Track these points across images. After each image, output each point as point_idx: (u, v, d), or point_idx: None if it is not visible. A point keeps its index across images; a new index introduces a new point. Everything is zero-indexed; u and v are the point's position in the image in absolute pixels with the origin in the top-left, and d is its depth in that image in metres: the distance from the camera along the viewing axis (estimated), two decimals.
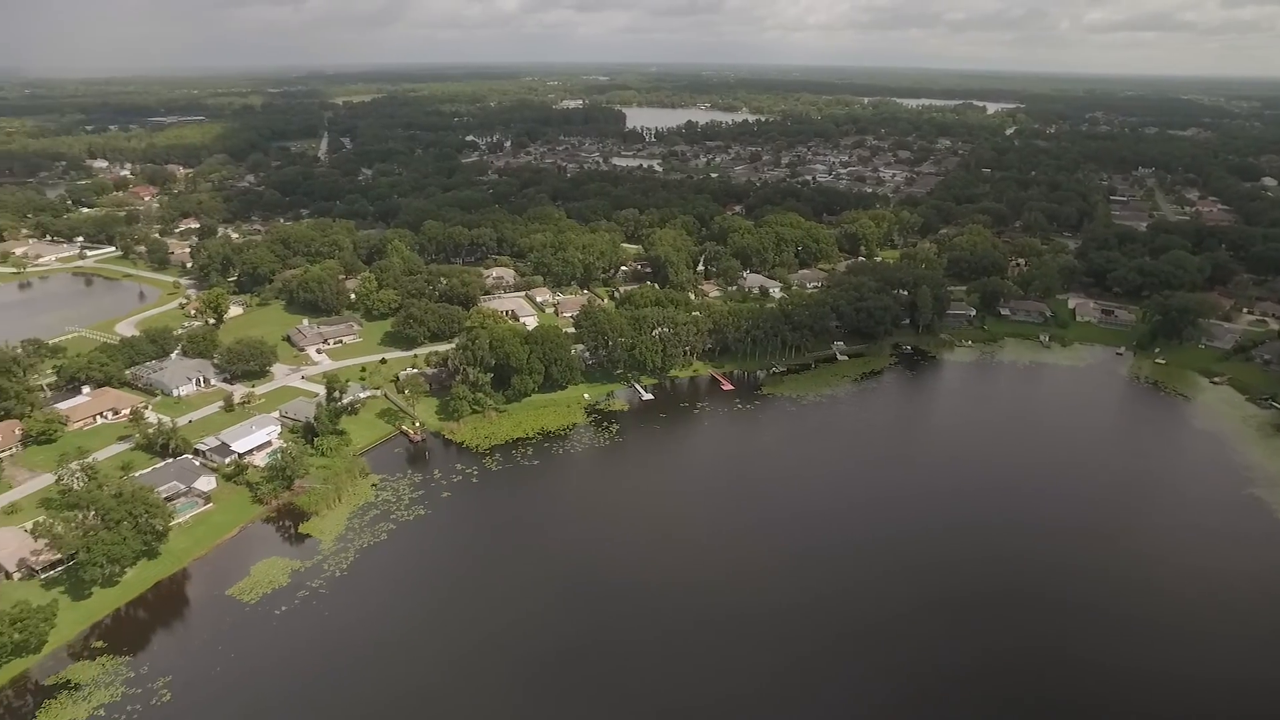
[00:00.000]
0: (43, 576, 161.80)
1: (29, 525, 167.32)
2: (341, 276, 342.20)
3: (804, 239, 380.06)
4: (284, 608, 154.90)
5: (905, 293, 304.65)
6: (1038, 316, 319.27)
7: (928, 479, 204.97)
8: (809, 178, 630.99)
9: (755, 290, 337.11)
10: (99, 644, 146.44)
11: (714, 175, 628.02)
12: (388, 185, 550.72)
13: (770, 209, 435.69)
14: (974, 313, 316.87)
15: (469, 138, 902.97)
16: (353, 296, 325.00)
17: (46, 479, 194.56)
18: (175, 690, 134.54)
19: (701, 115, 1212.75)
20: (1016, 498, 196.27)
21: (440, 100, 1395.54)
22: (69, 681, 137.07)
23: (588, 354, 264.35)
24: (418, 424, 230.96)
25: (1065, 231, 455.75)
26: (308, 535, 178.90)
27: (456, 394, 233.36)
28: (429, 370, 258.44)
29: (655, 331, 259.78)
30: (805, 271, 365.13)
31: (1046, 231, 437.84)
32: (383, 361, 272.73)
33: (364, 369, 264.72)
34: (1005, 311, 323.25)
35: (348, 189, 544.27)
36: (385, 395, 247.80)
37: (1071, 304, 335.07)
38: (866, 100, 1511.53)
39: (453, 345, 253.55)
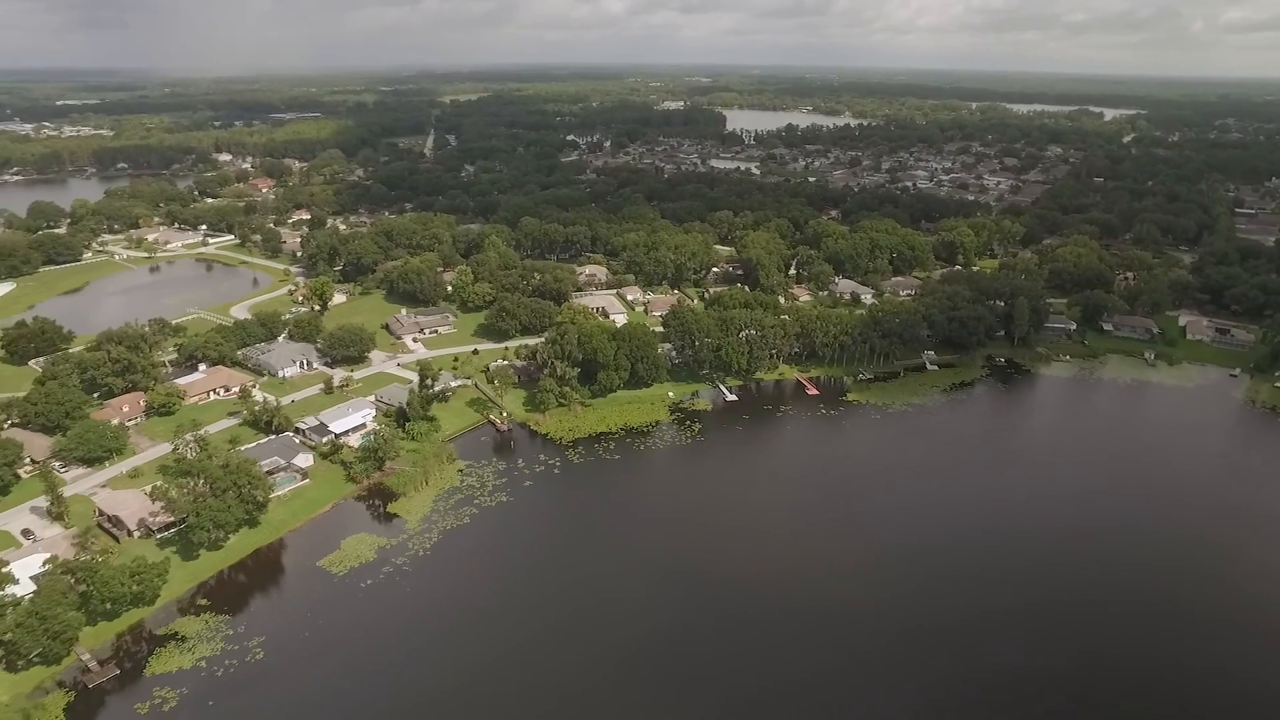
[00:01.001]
0: (158, 536, 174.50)
1: (148, 489, 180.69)
2: (440, 269, 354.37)
3: (899, 245, 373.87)
4: (369, 581, 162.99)
5: (1001, 303, 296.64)
6: (1144, 333, 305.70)
7: (1015, 493, 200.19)
8: (909, 184, 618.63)
9: (846, 296, 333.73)
10: (203, 602, 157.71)
11: (812, 179, 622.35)
12: (489, 182, 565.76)
13: (867, 215, 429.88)
14: (1074, 326, 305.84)
15: (570, 137, 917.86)
16: (449, 288, 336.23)
17: (164, 448, 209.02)
18: (267, 650, 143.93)
19: (802, 119, 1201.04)
20: (1110, 518, 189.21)
21: (544, 100, 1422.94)
22: (177, 633, 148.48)
23: (674, 353, 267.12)
24: (505, 414, 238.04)
25: (1181, 245, 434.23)
26: (395, 515, 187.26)
27: (543, 387, 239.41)
28: (518, 362, 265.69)
29: (742, 333, 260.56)
30: (899, 279, 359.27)
31: (1160, 245, 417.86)
32: (475, 352, 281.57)
33: (456, 359, 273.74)
34: (1108, 327, 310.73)
35: (450, 185, 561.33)
36: (475, 385, 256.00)
37: (1182, 321, 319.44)
38: (974, 105, 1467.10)
39: (542, 339, 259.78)
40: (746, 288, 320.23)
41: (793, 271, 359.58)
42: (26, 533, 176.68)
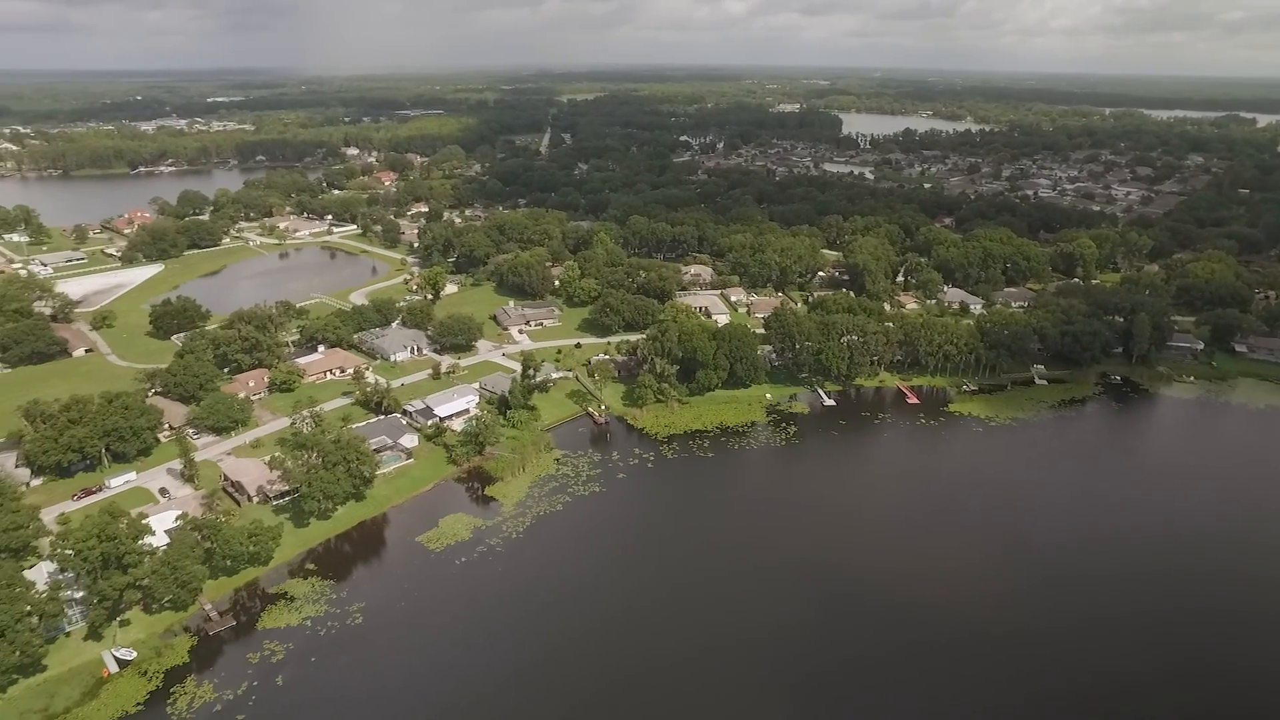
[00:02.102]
0: (274, 503, 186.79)
1: (267, 459, 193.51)
2: (548, 263, 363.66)
3: (1014, 255, 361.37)
4: (464, 559, 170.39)
5: (1120, 319, 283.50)
6: None
7: (1123, 517, 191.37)
8: (1029, 192, 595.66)
9: (954, 305, 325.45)
10: (311, 566, 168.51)
11: (927, 185, 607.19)
12: (600, 180, 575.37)
13: (981, 223, 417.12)
14: (1201, 346, 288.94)
15: (683, 138, 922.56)
16: (557, 283, 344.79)
17: (283, 422, 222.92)
18: (366, 615, 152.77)
19: (921, 123, 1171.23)
20: (1230, 553, 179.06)
21: (659, 100, 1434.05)
22: (286, 593, 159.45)
23: (774, 355, 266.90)
24: (603, 407, 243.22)
25: None
26: (492, 498, 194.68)
27: (642, 382, 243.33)
28: (619, 358, 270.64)
29: (844, 338, 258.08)
30: (1011, 290, 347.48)
31: None
32: (578, 346, 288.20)
33: (559, 351, 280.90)
34: (1242, 349, 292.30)
35: (563, 182, 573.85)
36: (576, 377, 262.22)
37: None
38: (1108, 111, 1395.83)
39: (644, 336, 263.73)
40: (852, 293, 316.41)
41: (900, 278, 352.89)
42: (163, 491, 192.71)
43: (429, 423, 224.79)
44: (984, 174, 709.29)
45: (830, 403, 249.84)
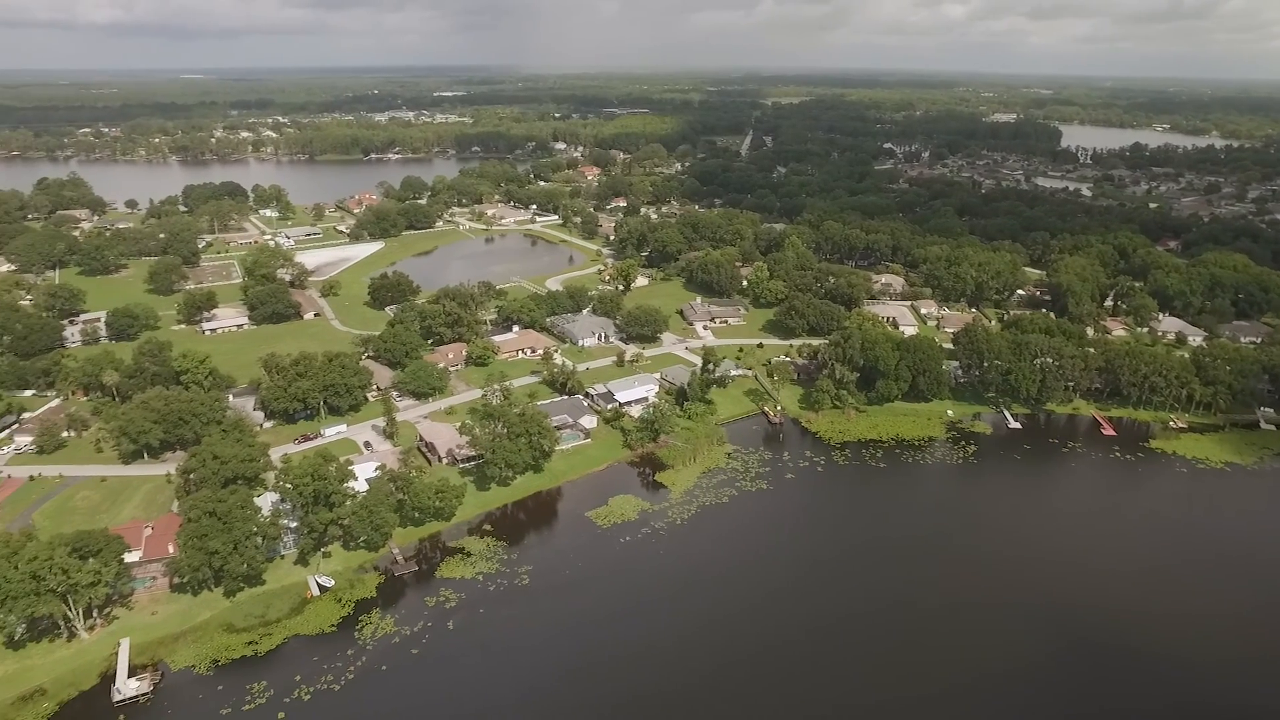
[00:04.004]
0: (460, 466, 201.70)
1: (459, 425, 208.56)
2: (738, 263, 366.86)
3: (1249, 285, 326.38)
4: (628, 538, 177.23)
5: None
6: None
7: None
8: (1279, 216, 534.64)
9: (1170, 335, 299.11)
10: (487, 528, 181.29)
11: (1152, 205, 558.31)
12: (797, 184, 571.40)
13: (1212, 248, 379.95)
14: None
15: (886, 145, 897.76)
16: (745, 283, 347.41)
17: (475, 393, 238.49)
18: (533, 578, 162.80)
19: (1154, 137, 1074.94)
20: None
21: (865, 106, 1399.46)
22: (464, 549, 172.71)
23: (960, 371, 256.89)
24: (779, 408, 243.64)
25: None
26: (661, 484, 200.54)
27: (820, 387, 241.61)
28: (800, 360, 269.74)
29: (1037, 360, 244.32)
30: (1242, 323, 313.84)
31: None
32: (760, 345, 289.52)
33: (741, 349, 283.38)
34: None
35: (760, 184, 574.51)
36: (755, 376, 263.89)
37: None
38: None
39: (827, 340, 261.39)
40: (1052, 314, 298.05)
41: (1109, 303, 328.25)
42: (367, 444, 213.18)
43: (609, 406, 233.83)
44: (1224, 195, 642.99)
45: (1016, 425, 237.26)
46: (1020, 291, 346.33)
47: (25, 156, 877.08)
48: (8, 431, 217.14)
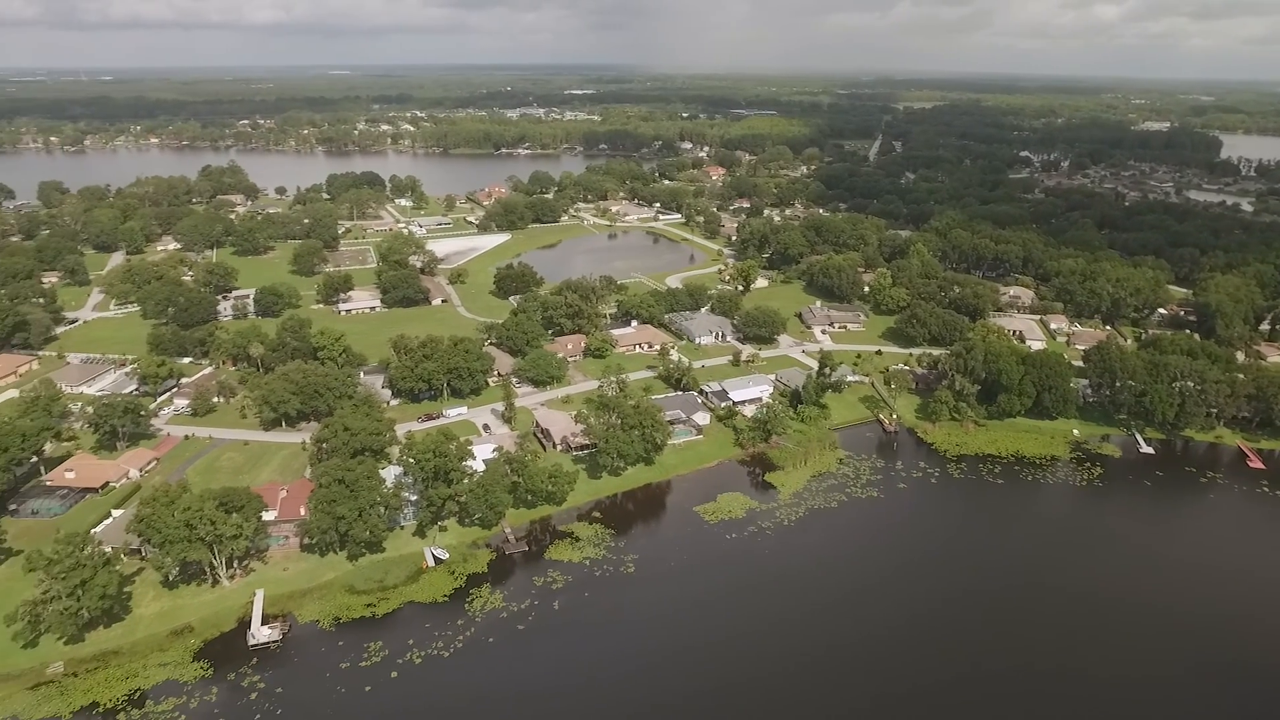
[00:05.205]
0: (574, 453, 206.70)
1: (574, 414, 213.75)
2: (860, 269, 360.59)
3: None
4: (734, 535, 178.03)
5: None
6: None
7: None
8: None
9: None
10: (597, 515, 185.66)
11: None
12: (926, 191, 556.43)
13: None
14: None
15: (1023, 153, 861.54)
16: (866, 288, 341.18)
17: (592, 384, 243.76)
18: (638, 567, 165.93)
19: None
20: None
21: (1003, 112, 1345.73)
22: (572, 533, 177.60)
23: (1089, 390, 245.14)
24: (895, 416, 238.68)
25: None
26: (770, 485, 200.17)
27: (939, 397, 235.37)
28: (919, 370, 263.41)
29: (1177, 383, 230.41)
30: None
31: None
32: (878, 352, 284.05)
33: (859, 355, 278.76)
34: None
35: (887, 190, 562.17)
36: (871, 383, 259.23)
37: None
38: None
39: (948, 351, 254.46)
40: (1197, 335, 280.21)
41: (1265, 326, 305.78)
42: (485, 427, 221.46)
43: (722, 404, 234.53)
44: None
45: (1148, 450, 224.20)
46: (1161, 310, 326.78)
47: (193, 146, 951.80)
48: (169, 394, 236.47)
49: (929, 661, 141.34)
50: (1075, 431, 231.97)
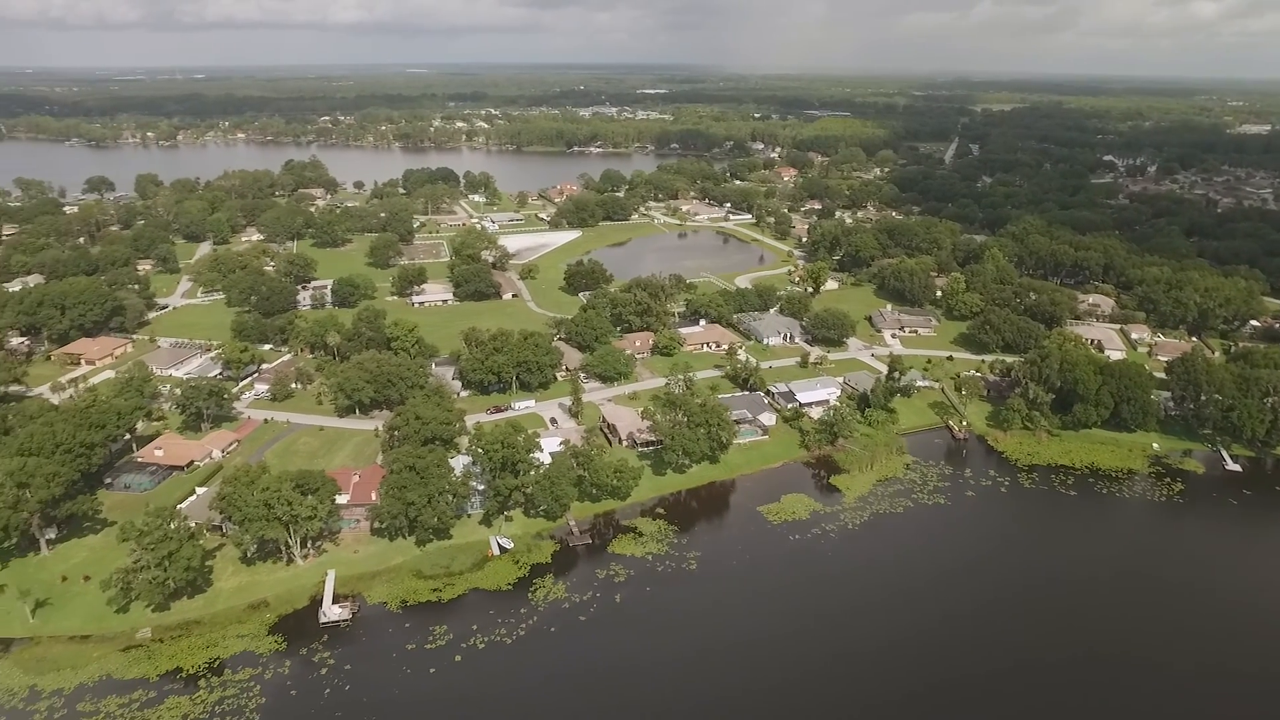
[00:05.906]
0: (640, 449, 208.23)
1: (641, 410, 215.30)
2: (933, 273, 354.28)
3: None
4: (797, 536, 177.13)
5: None
6: None
7: None
8: None
9: None
10: (660, 511, 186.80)
11: None
12: (1003, 195, 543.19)
13: None
14: None
15: (1106, 157, 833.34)
16: (939, 293, 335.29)
17: (659, 381, 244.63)
18: (700, 565, 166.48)
19: None
20: None
21: (1086, 115, 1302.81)
22: (636, 528, 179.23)
23: (1171, 403, 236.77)
24: (965, 423, 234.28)
25: None
26: (835, 488, 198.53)
27: (1011, 405, 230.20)
28: (991, 377, 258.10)
29: (1269, 399, 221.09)
30: None
31: None
32: (949, 358, 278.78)
33: (929, 361, 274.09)
34: None
35: (962, 193, 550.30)
36: (941, 389, 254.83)
37: None
38: None
39: (1022, 358, 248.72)
40: None
41: None
42: (553, 420, 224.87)
43: (789, 406, 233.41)
44: None
45: (1234, 468, 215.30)
46: (1254, 322, 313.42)
47: (277, 141, 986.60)
48: (250, 379, 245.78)
49: (995, 663, 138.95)
50: (1155, 445, 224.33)
